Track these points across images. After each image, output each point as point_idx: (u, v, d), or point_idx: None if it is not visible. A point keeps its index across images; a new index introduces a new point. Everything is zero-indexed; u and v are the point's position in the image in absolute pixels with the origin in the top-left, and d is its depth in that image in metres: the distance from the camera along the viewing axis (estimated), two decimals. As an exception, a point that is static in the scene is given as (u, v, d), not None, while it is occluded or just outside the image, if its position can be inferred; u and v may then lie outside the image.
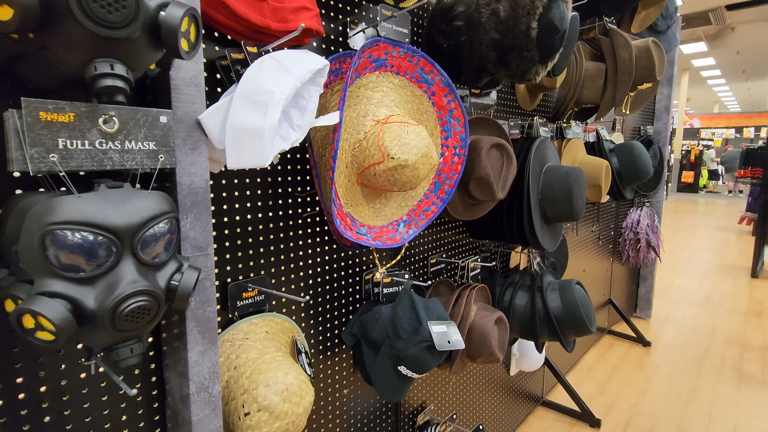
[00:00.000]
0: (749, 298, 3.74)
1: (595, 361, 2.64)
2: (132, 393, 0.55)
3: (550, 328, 1.35)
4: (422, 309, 0.96)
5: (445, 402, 1.46)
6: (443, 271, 1.35)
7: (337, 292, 1.04)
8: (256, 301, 0.86)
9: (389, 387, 0.98)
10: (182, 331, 0.67)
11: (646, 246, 2.94)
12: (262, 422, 0.73)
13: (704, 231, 6.82)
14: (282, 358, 0.82)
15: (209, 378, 0.68)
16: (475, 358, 1.19)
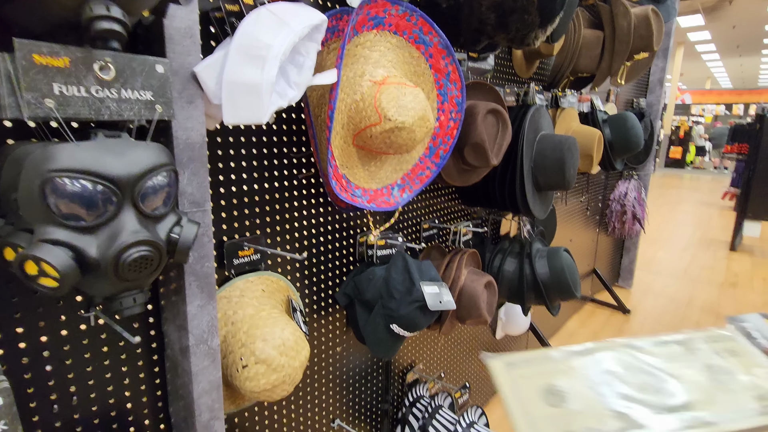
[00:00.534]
0: (726, 270, 3.88)
1: (577, 327, 2.74)
2: (136, 341, 0.56)
3: (537, 293, 1.39)
4: (415, 270, 0.98)
5: (434, 362, 1.52)
6: (435, 236, 1.37)
7: (332, 254, 1.05)
8: (252, 260, 0.87)
9: (381, 345, 1.01)
10: (181, 285, 0.68)
11: (631, 218, 3.01)
12: (260, 374, 0.75)
13: (688, 206, 6.97)
14: (278, 314, 0.84)
15: (208, 331, 0.70)
16: (464, 320, 1.23)
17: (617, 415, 0.32)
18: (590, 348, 0.38)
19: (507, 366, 0.37)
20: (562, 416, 0.32)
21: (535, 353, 0.38)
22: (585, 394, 0.34)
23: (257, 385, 0.75)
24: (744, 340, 0.39)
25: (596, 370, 0.36)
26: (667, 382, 0.34)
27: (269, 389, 0.76)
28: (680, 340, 0.38)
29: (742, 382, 0.34)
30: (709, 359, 0.37)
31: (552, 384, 0.35)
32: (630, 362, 0.36)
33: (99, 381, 0.68)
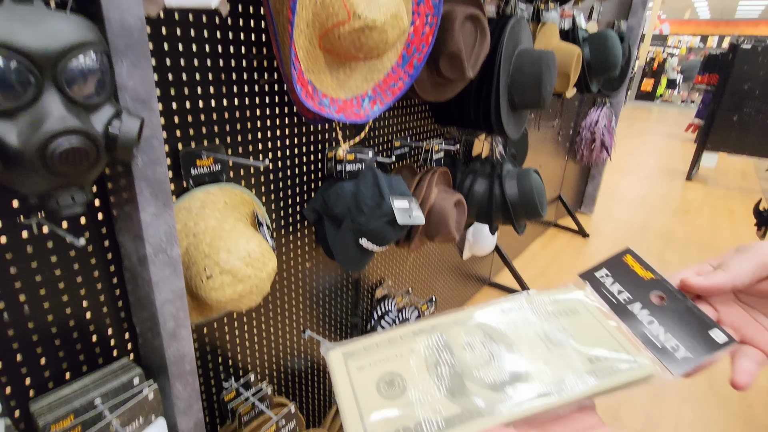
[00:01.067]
0: (681, 198, 4.10)
1: (539, 249, 2.88)
2: (80, 243, 0.52)
3: (504, 213, 1.41)
4: (385, 185, 0.95)
5: (402, 278, 1.57)
6: (407, 155, 1.34)
7: (299, 168, 1.01)
8: (211, 171, 0.81)
9: (351, 259, 1.01)
10: (132, 193, 0.62)
11: (600, 146, 3.05)
12: (225, 284, 0.74)
13: (653, 137, 7.15)
14: (243, 227, 0.82)
15: (166, 240, 0.66)
16: (433, 237, 1.25)
17: (453, 398, 0.30)
18: (435, 325, 0.35)
19: (345, 357, 0.33)
20: (399, 409, 0.29)
21: (378, 337, 0.34)
22: (424, 379, 0.31)
23: (223, 295, 0.74)
24: (585, 299, 0.37)
25: (436, 348, 0.33)
26: (504, 354, 0.33)
27: (236, 299, 0.76)
28: (524, 304, 0.37)
29: (575, 346, 0.33)
30: (549, 323, 0.35)
31: (392, 372, 0.32)
32: (471, 335, 0.34)
33: (51, 291, 0.65)
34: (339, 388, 0.31)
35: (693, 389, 1.75)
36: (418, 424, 0.28)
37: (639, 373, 0.31)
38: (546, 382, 0.31)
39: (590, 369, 0.31)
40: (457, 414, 0.28)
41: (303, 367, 1.23)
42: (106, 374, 0.70)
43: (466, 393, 0.30)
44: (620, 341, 0.33)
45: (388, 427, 0.28)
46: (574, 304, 0.37)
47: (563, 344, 0.33)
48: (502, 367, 0.32)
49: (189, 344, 0.75)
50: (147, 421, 0.67)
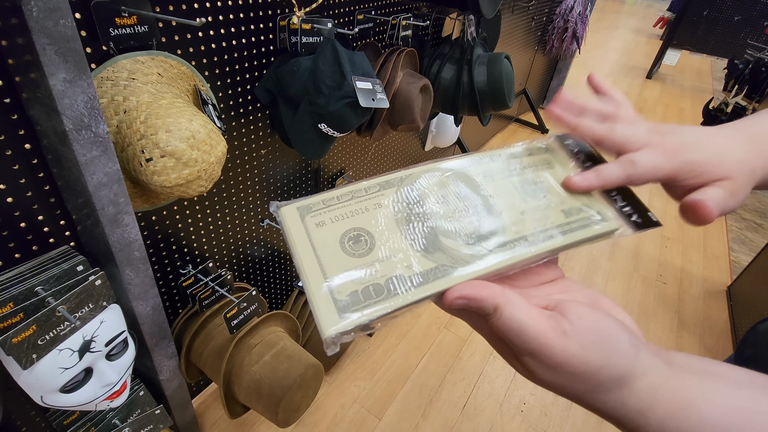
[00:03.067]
0: (638, 96, 4.15)
1: (499, 144, 2.89)
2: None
3: (471, 102, 1.35)
4: (347, 62, 0.85)
5: (363, 169, 1.53)
6: (371, 32, 1.19)
7: (246, 39, 0.87)
8: (137, 33, 0.68)
9: (309, 145, 0.95)
10: (34, 53, 0.51)
11: (571, 36, 2.92)
12: (168, 168, 0.67)
13: (621, 32, 6.96)
14: (183, 104, 0.71)
15: (88, 114, 0.57)
16: (396, 125, 1.18)
17: (427, 254, 0.28)
18: (404, 176, 0.31)
19: (301, 212, 0.29)
20: (367, 267, 0.26)
21: (339, 190, 0.30)
22: (394, 235, 0.28)
23: (168, 179, 0.67)
24: (560, 150, 0.36)
25: (407, 202, 0.30)
26: (479, 207, 0.31)
27: (183, 184, 0.69)
28: (497, 154, 0.34)
29: (551, 197, 0.32)
30: (523, 174, 0.34)
31: (357, 228, 0.28)
32: (444, 187, 0.31)
33: (-45, 172, 0.56)
34: (297, 247, 0.27)
35: (620, 269, 1.96)
36: (389, 281, 0.26)
37: (606, 227, 0.31)
38: (520, 236, 0.29)
39: (564, 221, 0.31)
40: (432, 269, 0.27)
41: (263, 255, 1.23)
42: (43, 262, 0.64)
43: (441, 248, 0.28)
44: (592, 197, 0.33)
45: (357, 285, 0.26)
46: (546, 157, 0.35)
47: (538, 195, 0.32)
48: (478, 221, 0.30)
49: (135, 231, 0.70)
50: (98, 307, 0.65)
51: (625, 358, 0.23)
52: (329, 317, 0.24)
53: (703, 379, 0.23)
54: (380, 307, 0.25)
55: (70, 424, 0.79)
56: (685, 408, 0.22)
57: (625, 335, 0.24)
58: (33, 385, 0.60)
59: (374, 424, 1.25)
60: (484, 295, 0.25)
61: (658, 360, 0.24)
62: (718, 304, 1.84)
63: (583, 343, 0.23)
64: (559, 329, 0.23)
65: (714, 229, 2.34)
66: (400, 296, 0.25)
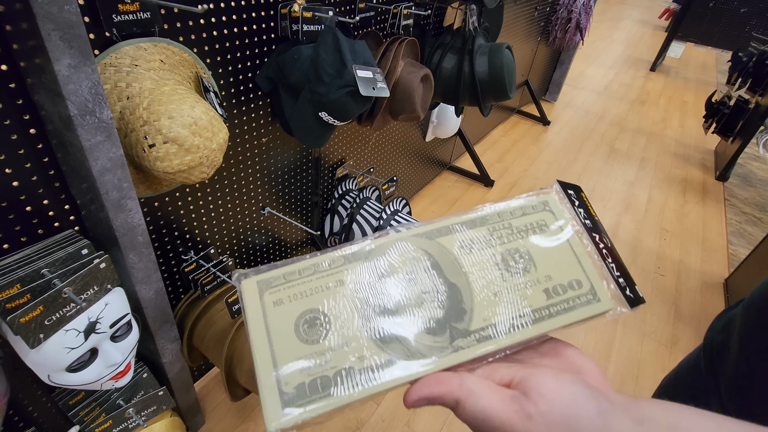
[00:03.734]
0: (641, 88, 4.13)
1: (500, 136, 2.90)
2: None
3: (472, 92, 1.36)
4: (348, 51, 0.86)
5: (364, 159, 1.54)
6: (372, 21, 1.19)
7: (248, 27, 0.87)
8: (140, 19, 0.68)
9: (310, 134, 0.96)
10: (39, 39, 0.51)
11: (574, 27, 2.90)
12: (171, 154, 0.68)
13: (626, 24, 6.88)
14: (185, 91, 0.72)
15: (93, 100, 0.58)
16: (397, 115, 1.19)
17: (382, 343, 0.26)
18: (372, 250, 0.29)
19: (260, 288, 0.27)
20: (319, 356, 0.25)
21: (302, 263, 0.28)
22: (351, 319, 0.27)
23: (170, 165, 0.68)
24: (561, 202, 0.32)
25: (369, 281, 0.28)
26: (450, 287, 0.28)
27: (185, 170, 0.70)
28: (486, 216, 0.31)
29: (534, 273, 0.29)
30: (509, 242, 0.30)
31: (314, 309, 0.27)
32: (415, 263, 0.29)
33: (-38, 155, 0.57)
34: (251, 327, 0.26)
35: (618, 263, 1.98)
36: (338, 374, 0.25)
37: (596, 309, 0.28)
38: (486, 325, 0.27)
39: (543, 305, 0.28)
40: (384, 362, 0.25)
41: (264, 243, 1.24)
42: (49, 245, 0.66)
43: (398, 338, 0.26)
44: (585, 266, 0.29)
45: (305, 376, 0.24)
46: (543, 216, 0.31)
47: (520, 273, 0.29)
48: (443, 306, 0.27)
49: (138, 216, 0.71)
50: (103, 290, 0.67)
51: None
52: (273, 410, 0.24)
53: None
54: (324, 404, 0.24)
55: (75, 404, 0.81)
56: None
57: (593, 406, 0.23)
58: (40, 364, 0.62)
59: (372, 409, 1.27)
60: (442, 391, 0.24)
61: (627, 422, 0.23)
62: (716, 296, 1.86)
63: (549, 425, 0.22)
64: (524, 413, 0.23)
65: (713, 222, 2.34)
66: (345, 393, 0.24)
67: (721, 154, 2.89)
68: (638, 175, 2.67)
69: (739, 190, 2.68)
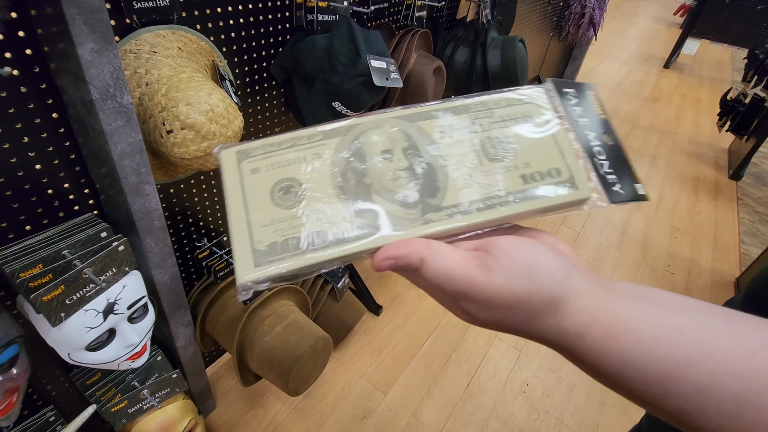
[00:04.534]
0: (654, 85, 4.07)
1: (510, 132, 2.88)
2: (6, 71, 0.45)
3: (484, 85, 1.35)
4: (362, 41, 0.86)
5: (374, 152, 1.54)
6: (386, 12, 1.19)
7: (264, 16, 0.88)
8: (159, 6, 0.69)
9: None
10: (63, 23, 0.53)
11: (588, 22, 2.86)
12: (188, 140, 0.69)
13: (640, 20, 6.78)
14: (202, 79, 0.73)
15: (114, 85, 0.59)
16: (408, 107, 1.19)
17: (352, 212, 0.26)
18: (352, 126, 0.29)
19: (239, 157, 0.28)
20: (291, 219, 0.26)
21: (282, 136, 0.29)
22: (325, 189, 0.27)
23: (187, 151, 0.69)
24: (552, 99, 0.31)
25: (347, 155, 0.28)
26: (425, 167, 0.28)
27: (201, 157, 0.71)
28: (469, 104, 0.30)
29: (513, 159, 0.29)
30: (490, 129, 0.30)
31: (290, 178, 0.27)
32: (393, 142, 0.29)
33: (-12, 137, 0.58)
34: (228, 191, 0.27)
35: (628, 258, 1.97)
36: (310, 235, 0.25)
37: (571, 196, 0.28)
38: (457, 203, 0.27)
39: (519, 188, 0.28)
40: (356, 228, 0.26)
41: (275, 233, 1.26)
42: (69, 227, 0.67)
43: (369, 207, 0.27)
44: (567, 158, 0.29)
45: (277, 236, 0.25)
46: (528, 108, 0.31)
47: (499, 159, 0.29)
48: (418, 183, 0.28)
49: (155, 200, 0.72)
50: (120, 272, 0.68)
51: (554, 282, 0.23)
52: (245, 265, 0.25)
53: (640, 303, 0.23)
54: (293, 262, 0.25)
55: (92, 384, 0.83)
56: (621, 330, 0.22)
57: (555, 261, 0.24)
58: (61, 343, 0.64)
59: (380, 398, 1.28)
60: (408, 251, 0.24)
61: (595, 284, 0.24)
62: (726, 295, 1.84)
63: (509, 275, 0.23)
64: (484, 266, 0.23)
65: (725, 221, 2.32)
66: (316, 253, 0.25)
67: (735, 153, 2.85)
68: (650, 173, 2.64)
69: (753, 189, 2.64)
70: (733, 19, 5.57)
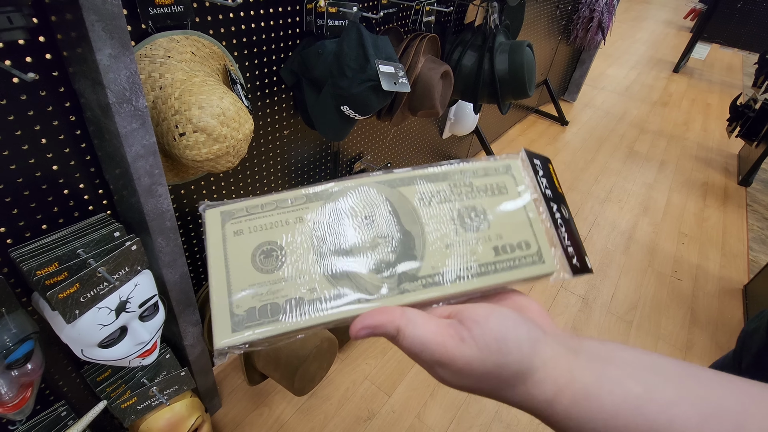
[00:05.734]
0: (663, 90, 4.05)
1: (517, 135, 2.89)
2: (30, 77, 0.46)
3: (491, 90, 1.36)
4: (371, 45, 0.87)
5: (381, 154, 1.55)
6: (394, 17, 1.21)
7: (274, 21, 0.90)
8: (174, 12, 0.71)
9: (331, 127, 0.98)
10: (83, 29, 0.54)
11: (596, 26, 2.86)
12: (200, 143, 0.70)
13: (649, 23, 6.75)
14: (214, 83, 0.75)
15: (130, 89, 0.60)
16: (416, 110, 1.20)
17: (332, 279, 0.27)
18: (332, 191, 0.29)
19: (223, 218, 0.28)
20: (271, 284, 0.26)
21: (266, 198, 0.29)
22: (305, 254, 0.27)
23: (199, 154, 0.71)
24: (525, 170, 0.32)
25: (328, 220, 0.29)
26: (404, 234, 0.29)
27: (212, 159, 0.73)
28: (449, 172, 0.31)
29: (487, 231, 0.30)
30: (467, 199, 0.30)
31: (271, 242, 0.27)
32: (374, 207, 0.29)
33: (8, 139, 0.60)
34: (210, 253, 0.27)
35: (634, 263, 1.96)
36: (288, 302, 0.26)
37: (539, 270, 0.30)
38: (434, 273, 0.28)
39: (491, 260, 0.29)
40: (334, 296, 0.26)
41: (282, 234, 1.27)
42: (83, 227, 0.69)
43: (348, 275, 0.27)
44: (536, 230, 0.30)
45: (256, 302, 0.26)
46: (504, 179, 0.32)
47: (474, 229, 0.30)
48: (395, 250, 0.28)
49: (167, 201, 0.74)
50: (133, 271, 0.70)
51: (522, 355, 0.24)
52: (223, 330, 0.25)
53: (604, 366, 0.24)
54: (271, 328, 0.25)
55: (103, 380, 0.85)
56: (585, 397, 0.23)
57: (523, 331, 0.25)
58: (75, 339, 0.65)
59: (384, 400, 1.29)
60: (384, 320, 0.25)
61: (561, 349, 0.25)
62: (734, 302, 1.83)
63: (480, 347, 0.24)
64: (458, 337, 0.24)
65: (734, 227, 2.30)
66: (292, 320, 0.26)
67: (745, 159, 2.83)
68: (657, 178, 2.63)
69: (763, 195, 2.62)
70: (744, 23, 5.53)
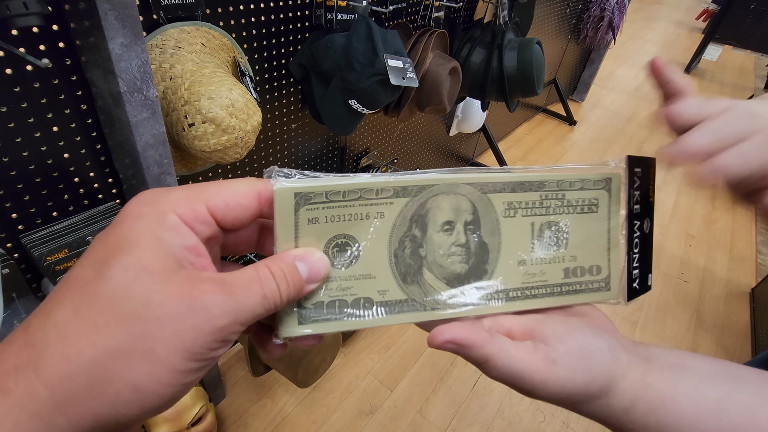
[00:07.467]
0: (673, 91, 4.01)
1: (524, 134, 2.87)
2: (44, 63, 0.47)
3: (499, 87, 1.35)
4: (380, 40, 0.87)
5: (388, 150, 1.56)
6: (403, 12, 1.20)
7: (284, 14, 0.90)
8: (185, 3, 0.72)
9: (339, 121, 0.98)
10: (96, 18, 0.55)
11: (607, 25, 2.83)
12: (209, 134, 0.71)
13: (661, 24, 6.68)
14: (224, 74, 0.75)
15: (141, 78, 0.61)
16: (423, 106, 1.20)
17: (404, 284, 0.27)
18: (424, 186, 0.27)
19: (298, 200, 0.24)
20: (342, 280, 0.25)
21: (350, 181, 0.26)
22: (381, 254, 0.26)
23: (207, 144, 0.72)
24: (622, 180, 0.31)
25: (411, 219, 0.27)
26: (480, 246, 0.28)
27: (221, 150, 0.73)
28: (548, 180, 0.29)
29: (562, 251, 0.30)
30: (554, 215, 0.30)
31: (348, 236, 0.26)
32: (458, 212, 0.28)
33: (21, 128, 0.61)
34: (279, 239, 0.24)
35: (640, 266, 1.95)
36: (357, 301, 0.25)
37: (602, 297, 0.30)
38: (501, 289, 0.28)
39: (558, 281, 0.29)
40: (400, 301, 0.26)
41: (288, 227, 1.28)
42: (93, 215, 0.70)
43: (419, 281, 0.27)
44: (612, 257, 0.30)
45: (325, 297, 0.25)
46: (599, 195, 0.30)
47: (551, 246, 0.29)
48: (469, 261, 0.28)
49: (176, 192, 0.74)
50: (141, 260, 0.70)
51: (606, 367, 0.24)
52: (289, 322, 0.24)
53: (677, 374, 0.24)
54: (337, 325, 0.25)
55: (109, 367, 0.86)
56: (662, 404, 0.23)
57: (604, 344, 0.25)
58: (83, 325, 0.66)
59: (386, 395, 1.30)
60: (472, 342, 0.24)
61: (633, 357, 0.25)
62: (741, 305, 1.81)
63: (570, 366, 0.24)
64: (549, 360, 0.24)
65: (742, 230, 2.28)
66: (360, 319, 0.26)
67: (755, 162, 2.79)
68: (665, 179, 2.61)
69: (772, 199, 2.59)
70: (758, 24, 5.46)
